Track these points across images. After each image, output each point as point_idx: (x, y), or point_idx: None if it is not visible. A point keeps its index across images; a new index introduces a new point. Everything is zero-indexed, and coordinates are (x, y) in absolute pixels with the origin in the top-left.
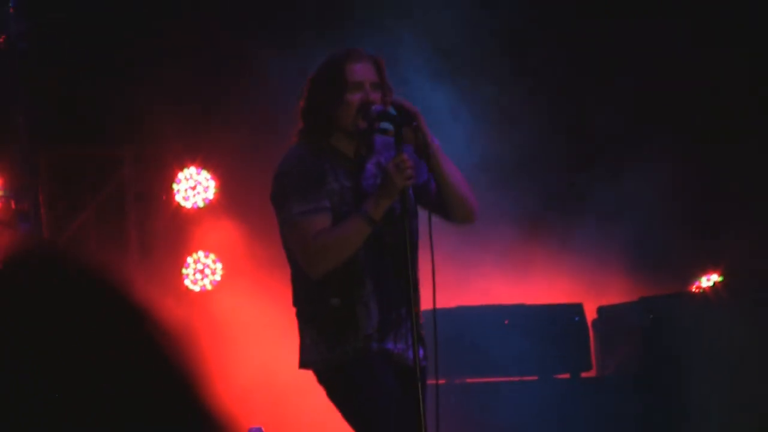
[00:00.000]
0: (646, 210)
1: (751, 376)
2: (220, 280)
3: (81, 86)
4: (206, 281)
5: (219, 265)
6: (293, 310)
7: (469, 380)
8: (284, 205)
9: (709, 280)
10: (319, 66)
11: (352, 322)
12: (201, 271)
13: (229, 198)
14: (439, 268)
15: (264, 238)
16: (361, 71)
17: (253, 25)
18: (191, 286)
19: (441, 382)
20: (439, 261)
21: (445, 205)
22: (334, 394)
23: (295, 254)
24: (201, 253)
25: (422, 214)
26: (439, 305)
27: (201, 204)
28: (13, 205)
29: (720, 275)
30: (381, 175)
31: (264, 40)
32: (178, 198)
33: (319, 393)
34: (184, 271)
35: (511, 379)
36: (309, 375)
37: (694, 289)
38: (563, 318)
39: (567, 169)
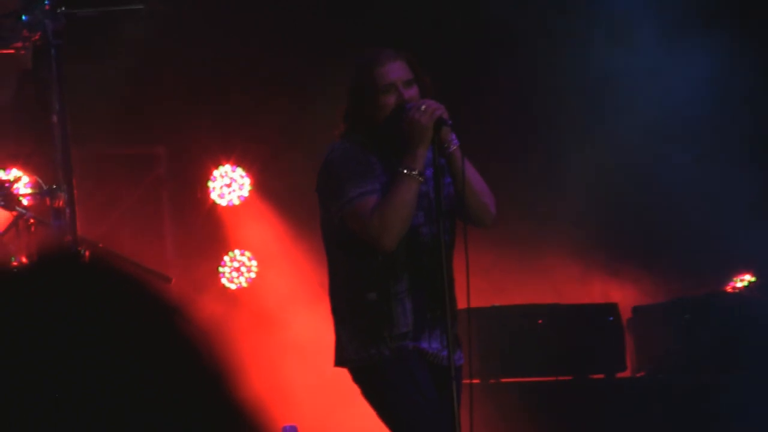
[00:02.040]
0: (680, 210)
1: None
2: (255, 278)
3: (116, 84)
4: (242, 279)
5: (255, 263)
6: (329, 305)
7: (503, 380)
8: (339, 191)
9: (743, 280)
10: (352, 72)
11: (387, 318)
12: (237, 269)
13: (264, 195)
14: (473, 268)
15: (300, 234)
16: (391, 71)
17: (287, 25)
18: (228, 284)
19: (475, 381)
20: (473, 261)
21: (464, 207)
22: (369, 393)
23: (360, 234)
24: (237, 251)
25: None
26: (473, 305)
27: (236, 201)
28: (48, 203)
29: (753, 275)
30: (407, 125)
31: (298, 39)
32: (214, 196)
33: (354, 391)
34: (220, 269)
35: (546, 379)
36: (344, 373)
37: (728, 289)
38: (598, 318)
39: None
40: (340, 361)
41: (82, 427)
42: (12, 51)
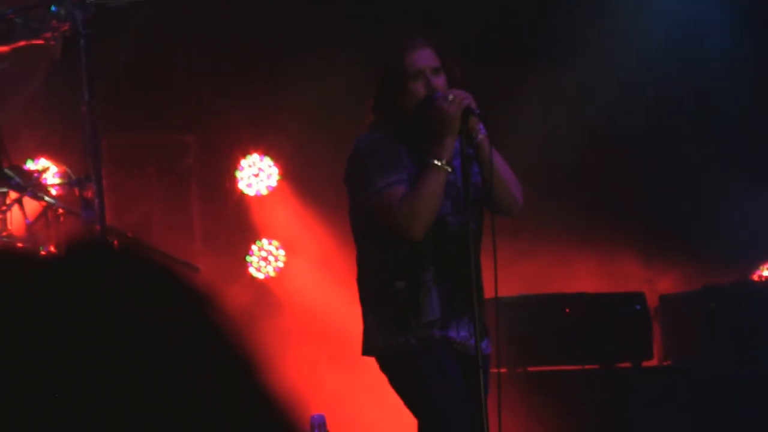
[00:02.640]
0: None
1: None
2: (283, 267)
3: (145, 74)
4: (270, 268)
5: (282, 252)
6: (358, 294)
7: (530, 369)
8: (367, 182)
9: None
10: (381, 60)
11: (414, 307)
12: (265, 258)
13: (292, 185)
14: (501, 257)
15: (327, 224)
16: (420, 59)
17: (314, 15)
18: (255, 273)
19: (502, 370)
20: (501, 250)
21: (491, 196)
22: (396, 382)
23: (389, 223)
24: (265, 241)
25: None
26: (501, 294)
27: (264, 191)
28: (77, 193)
29: None
30: (435, 115)
31: (324, 29)
32: (242, 185)
33: (382, 380)
34: (248, 258)
35: (573, 367)
36: (372, 362)
37: (756, 278)
38: (625, 306)
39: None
40: (367, 350)
41: (116, 409)
42: (41, 41)
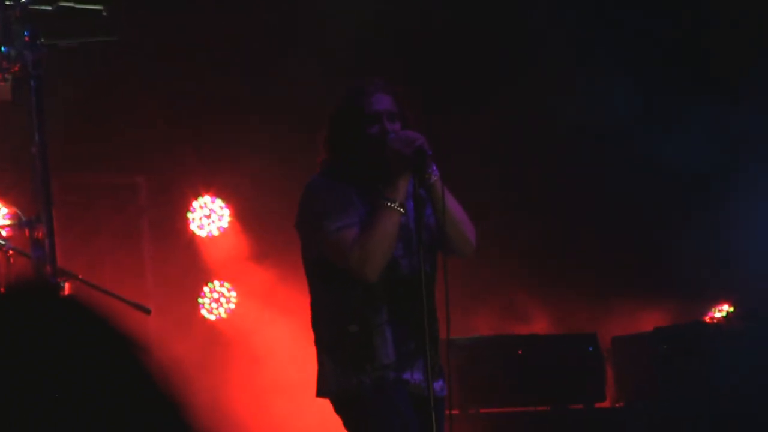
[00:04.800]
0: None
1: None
2: (235, 308)
3: (96, 114)
4: (221, 310)
5: (234, 294)
6: (312, 336)
7: (483, 410)
8: (318, 226)
9: (721, 311)
10: (337, 100)
11: (368, 350)
12: (216, 300)
13: (244, 226)
14: (454, 299)
15: (279, 266)
16: (378, 102)
17: (269, 53)
18: (207, 315)
19: (455, 412)
20: (454, 292)
21: (444, 237)
22: (350, 424)
23: (342, 266)
24: (216, 282)
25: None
26: (453, 335)
27: (216, 232)
28: (27, 234)
29: (731, 305)
30: (387, 156)
31: (279, 68)
32: (193, 227)
33: (336, 422)
34: (200, 300)
35: (526, 409)
36: (326, 404)
37: (707, 320)
38: (577, 348)
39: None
40: (322, 392)
41: None
42: None
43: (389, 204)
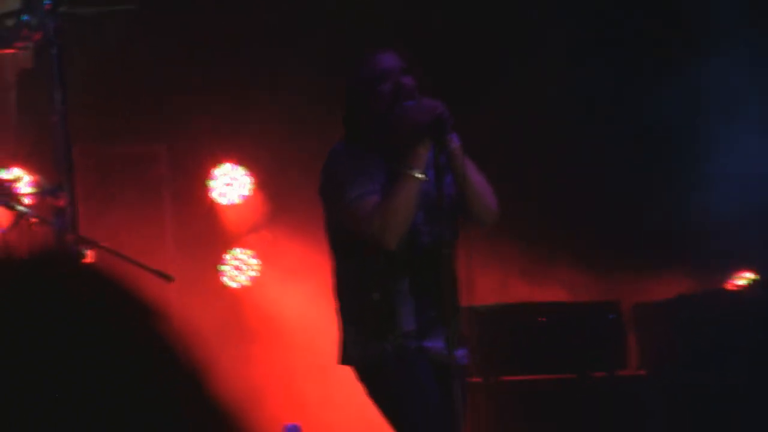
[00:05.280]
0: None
1: None
2: (257, 276)
3: (116, 83)
4: (243, 278)
5: (255, 261)
6: (334, 305)
7: (504, 378)
8: (339, 193)
9: (744, 278)
10: (350, 67)
11: (390, 317)
12: (238, 267)
13: (266, 194)
14: (477, 266)
15: (301, 233)
16: (387, 60)
17: (287, 22)
18: (229, 283)
19: (476, 380)
20: (477, 258)
21: (465, 205)
22: (373, 392)
23: (362, 234)
24: (238, 250)
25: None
26: (476, 302)
27: (237, 200)
28: (49, 201)
29: (755, 273)
30: (407, 125)
31: (297, 36)
32: (214, 195)
33: (359, 389)
34: (221, 267)
35: (548, 376)
36: (349, 371)
37: (729, 287)
38: (599, 315)
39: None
40: (344, 359)
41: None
42: (13, 51)
43: (409, 172)
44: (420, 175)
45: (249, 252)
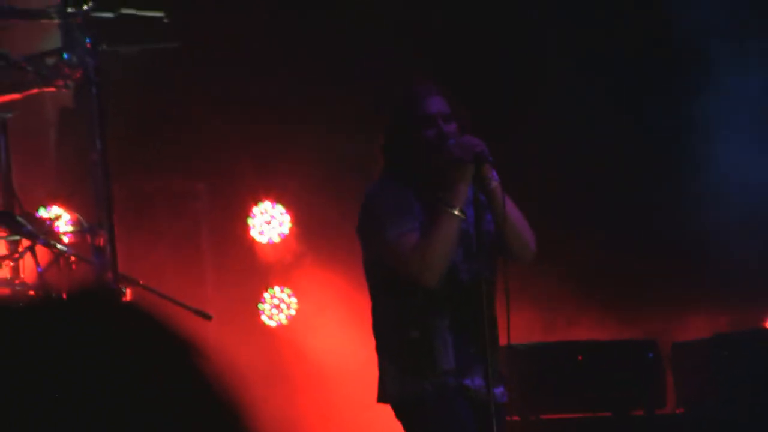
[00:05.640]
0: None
1: None
2: (295, 315)
3: (155, 120)
4: (282, 316)
5: (294, 300)
6: (372, 343)
7: (543, 416)
8: (378, 231)
9: None
10: (391, 106)
11: (429, 355)
12: (277, 306)
13: (304, 232)
14: (515, 304)
15: (340, 272)
16: (431, 105)
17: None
18: (267, 321)
19: (515, 418)
20: (515, 297)
21: (504, 243)
22: (411, 430)
23: (402, 272)
24: (277, 288)
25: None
26: (514, 341)
27: (276, 239)
28: (89, 240)
29: None
30: (448, 162)
31: (333, 72)
32: (254, 233)
33: (397, 428)
34: (260, 306)
35: (586, 415)
36: (387, 409)
37: (766, 325)
38: (637, 354)
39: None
40: (382, 398)
41: None
42: (53, 89)
43: (449, 209)
44: (460, 214)
45: (288, 290)
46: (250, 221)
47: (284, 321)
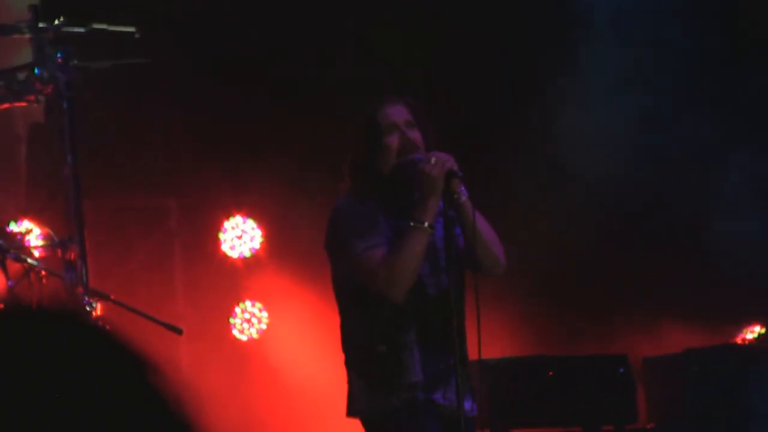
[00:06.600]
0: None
1: None
2: (266, 329)
3: (127, 136)
4: (253, 330)
5: (265, 314)
6: (341, 357)
7: (513, 431)
8: (346, 246)
9: (753, 332)
10: (355, 120)
11: (397, 369)
12: (248, 320)
13: (275, 247)
14: (485, 318)
15: (310, 286)
16: (393, 113)
17: (298, 74)
18: (239, 336)
19: None
20: (485, 311)
21: (474, 258)
22: None
23: (369, 286)
24: (248, 302)
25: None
26: (484, 355)
27: (247, 253)
28: (59, 254)
29: (763, 327)
30: (418, 177)
31: (307, 88)
32: (225, 248)
33: None
34: (231, 320)
35: (557, 429)
36: (356, 423)
37: (738, 341)
38: (608, 369)
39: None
40: (351, 412)
41: None
42: (25, 104)
43: (419, 224)
44: (429, 228)
45: (259, 305)
46: (222, 236)
47: (255, 335)
